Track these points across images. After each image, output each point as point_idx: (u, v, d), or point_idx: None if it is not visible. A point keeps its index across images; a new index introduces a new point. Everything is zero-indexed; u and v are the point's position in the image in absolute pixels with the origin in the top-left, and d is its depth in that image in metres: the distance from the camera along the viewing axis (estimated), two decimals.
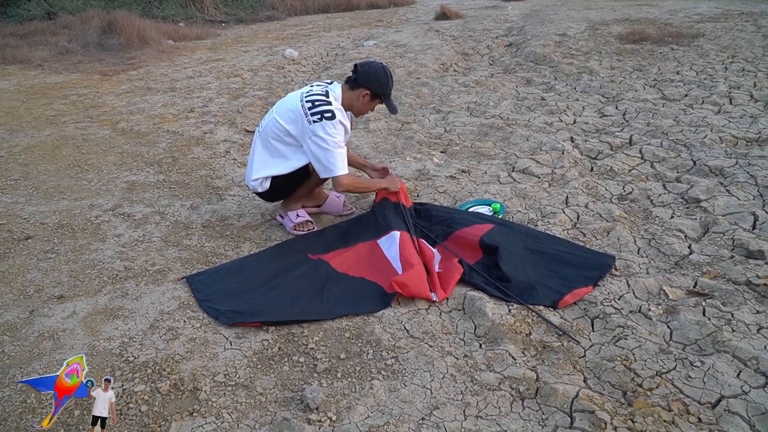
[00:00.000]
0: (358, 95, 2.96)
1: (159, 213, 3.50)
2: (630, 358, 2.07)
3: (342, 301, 2.52)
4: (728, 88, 5.11)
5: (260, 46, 8.62)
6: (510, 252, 2.74)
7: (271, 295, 2.58)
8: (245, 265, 2.86)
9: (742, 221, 2.96)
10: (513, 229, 2.98)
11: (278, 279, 2.70)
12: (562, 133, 4.45)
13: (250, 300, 2.55)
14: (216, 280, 2.73)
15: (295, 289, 2.63)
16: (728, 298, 2.37)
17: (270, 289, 2.63)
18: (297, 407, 1.97)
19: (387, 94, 3.00)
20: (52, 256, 3.03)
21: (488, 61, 7.14)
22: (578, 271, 2.62)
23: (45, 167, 4.26)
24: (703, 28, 7.55)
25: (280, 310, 2.46)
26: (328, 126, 2.85)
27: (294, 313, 2.43)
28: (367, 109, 3.05)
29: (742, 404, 1.83)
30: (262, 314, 2.43)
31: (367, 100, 2.98)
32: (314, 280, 2.68)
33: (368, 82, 2.93)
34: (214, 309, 2.50)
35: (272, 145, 3.04)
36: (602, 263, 2.68)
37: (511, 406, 1.92)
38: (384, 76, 2.96)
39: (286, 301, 2.53)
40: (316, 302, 2.52)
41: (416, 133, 4.69)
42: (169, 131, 4.99)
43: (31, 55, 8.14)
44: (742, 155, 3.70)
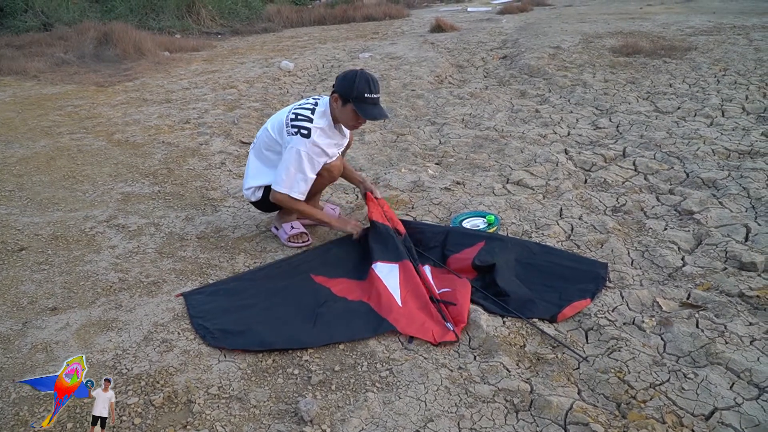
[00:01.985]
0: (333, 101, 2.91)
1: (154, 224, 3.49)
2: (624, 370, 2.07)
3: (335, 327, 2.42)
4: (720, 101, 5.16)
5: (256, 58, 8.65)
6: (504, 267, 2.73)
7: (263, 315, 2.51)
8: (245, 287, 2.77)
9: (734, 233, 2.98)
10: (504, 243, 2.96)
11: (272, 299, 2.64)
12: (556, 145, 4.48)
13: (241, 318, 2.49)
14: (212, 300, 2.66)
15: (290, 309, 2.56)
16: (721, 310, 2.38)
17: (264, 309, 2.56)
18: (291, 420, 1.96)
19: (356, 98, 2.80)
20: (46, 267, 3.03)
21: (483, 73, 7.18)
22: (574, 285, 2.62)
23: (40, 178, 4.25)
24: (695, 41, 7.62)
25: (267, 332, 2.38)
26: (300, 143, 2.85)
27: (282, 339, 2.34)
28: (346, 117, 2.92)
29: (736, 416, 1.83)
30: (248, 334, 2.36)
31: (340, 105, 2.88)
32: (311, 301, 2.61)
33: (337, 85, 2.86)
34: (203, 327, 2.44)
35: (265, 155, 3.08)
36: (596, 274, 2.69)
37: (506, 418, 1.92)
38: (352, 77, 2.82)
39: (276, 322, 2.46)
40: (308, 326, 2.43)
41: (411, 144, 4.70)
42: (165, 142, 5.00)
43: (27, 66, 8.15)
44: (734, 167, 3.73)
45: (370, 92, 2.80)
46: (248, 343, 2.33)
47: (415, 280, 2.64)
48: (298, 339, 2.34)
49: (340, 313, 2.53)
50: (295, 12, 13.24)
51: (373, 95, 2.82)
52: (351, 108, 2.83)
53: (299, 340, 2.34)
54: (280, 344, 2.31)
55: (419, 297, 2.54)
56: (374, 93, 2.83)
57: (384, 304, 2.51)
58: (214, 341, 2.35)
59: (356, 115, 2.86)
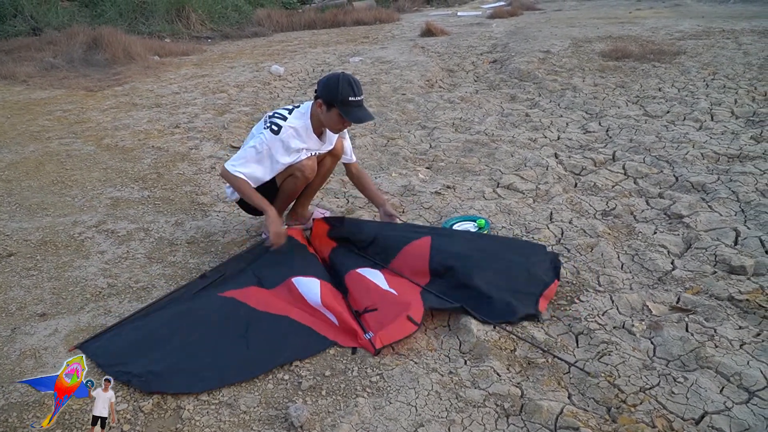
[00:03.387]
0: (316, 106, 2.88)
1: (143, 229, 3.47)
2: (614, 374, 2.08)
3: (271, 348, 2.31)
4: (710, 105, 5.19)
5: (246, 62, 8.64)
6: (466, 268, 2.69)
7: (188, 350, 2.29)
8: (146, 322, 2.51)
9: (724, 237, 2.99)
10: (451, 239, 2.96)
11: (189, 325, 2.43)
12: (546, 149, 4.49)
13: (165, 356, 2.25)
14: (117, 342, 2.39)
15: (214, 338, 2.36)
16: (711, 314, 2.39)
17: (184, 342, 2.34)
18: (281, 426, 1.95)
19: (341, 102, 2.76)
20: (35, 273, 3.00)
21: (473, 77, 7.20)
22: (534, 277, 2.66)
23: (28, 183, 4.22)
24: (684, 45, 7.67)
25: (203, 372, 2.18)
26: (266, 135, 2.85)
27: (220, 376, 2.17)
28: (331, 121, 2.88)
29: (726, 420, 1.84)
30: (182, 377, 2.16)
31: (324, 111, 2.84)
32: (233, 324, 2.43)
33: (320, 91, 2.83)
34: (125, 373, 2.17)
35: None
36: (544, 255, 2.83)
37: (496, 423, 1.92)
38: (335, 82, 2.77)
39: (207, 357, 2.26)
40: (242, 354, 2.28)
41: (402, 149, 4.71)
42: (155, 147, 4.98)
43: (16, 70, 8.09)
44: (723, 171, 3.75)
45: (354, 95, 2.77)
46: (183, 386, 2.13)
47: (335, 294, 2.60)
48: (238, 370, 2.20)
49: (271, 332, 2.40)
50: (285, 16, 13.20)
51: (357, 98, 2.79)
52: (336, 112, 2.80)
53: (240, 369, 2.20)
54: (220, 381, 2.14)
55: (342, 310, 2.47)
56: (358, 95, 2.79)
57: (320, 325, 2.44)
58: (146, 386, 2.12)
59: (341, 118, 2.83)
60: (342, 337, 2.37)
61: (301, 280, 2.65)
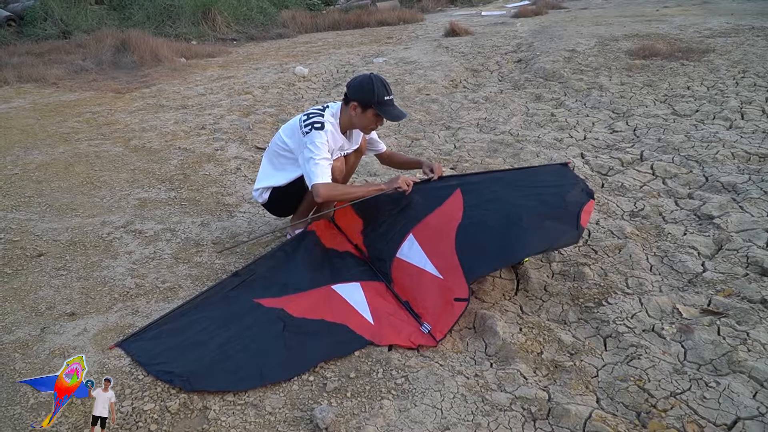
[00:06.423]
0: (350, 109, 2.93)
1: (170, 230, 3.51)
2: (643, 378, 2.05)
3: (309, 347, 2.33)
4: (740, 104, 5.09)
5: (271, 64, 8.69)
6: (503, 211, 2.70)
7: (227, 351, 2.32)
8: (188, 323, 2.53)
9: (756, 238, 2.93)
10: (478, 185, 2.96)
11: (226, 328, 2.46)
12: (572, 149, 4.44)
13: (204, 356, 2.29)
14: (158, 343, 2.41)
15: (252, 339, 2.38)
16: (743, 317, 2.34)
17: (223, 343, 2.36)
18: (306, 427, 1.96)
19: (378, 102, 2.84)
20: (64, 273, 3.05)
21: (497, 77, 7.15)
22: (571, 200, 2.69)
23: (58, 184, 4.29)
24: (713, 43, 7.54)
25: (242, 371, 2.21)
26: (316, 135, 2.85)
27: (261, 375, 2.19)
28: (366, 122, 2.94)
29: (759, 426, 1.80)
30: (223, 377, 2.19)
31: (359, 113, 2.90)
32: (270, 326, 2.45)
33: (355, 94, 2.89)
34: (167, 372, 2.21)
35: (274, 159, 3.14)
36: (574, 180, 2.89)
37: (523, 427, 1.90)
38: (369, 84, 2.84)
39: (246, 357, 2.28)
40: (280, 353, 2.30)
41: (426, 149, 4.69)
42: (181, 148, 5.03)
43: (47, 73, 8.23)
44: (754, 171, 3.68)
45: (387, 94, 2.87)
46: (223, 385, 2.16)
47: (381, 290, 2.62)
48: (277, 370, 2.22)
49: (308, 334, 2.40)
50: (309, 17, 13.27)
51: (390, 96, 2.89)
52: (373, 112, 2.88)
53: (279, 370, 2.22)
54: (260, 381, 2.17)
55: (389, 305, 2.52)
56: (391, 94, 2.90)
57: (356, 324, 2.43)
58: (188, 385, 2.15)
59: (377, 118, 2.91)
60: (380, 336, 2.36)
61: (342, 287, 2.67)
